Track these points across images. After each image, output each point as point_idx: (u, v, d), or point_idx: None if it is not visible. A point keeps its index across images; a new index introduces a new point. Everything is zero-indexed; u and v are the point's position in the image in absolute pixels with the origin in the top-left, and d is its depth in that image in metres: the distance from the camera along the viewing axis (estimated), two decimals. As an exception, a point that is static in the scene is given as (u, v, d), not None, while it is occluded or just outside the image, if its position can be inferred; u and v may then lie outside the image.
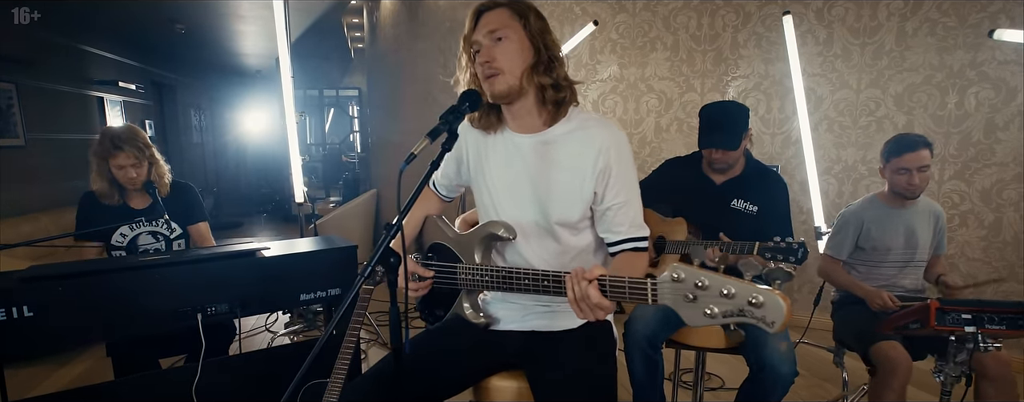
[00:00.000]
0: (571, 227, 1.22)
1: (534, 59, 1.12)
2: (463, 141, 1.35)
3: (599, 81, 3.55)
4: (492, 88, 1.13)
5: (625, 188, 1.18)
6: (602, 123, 1.18)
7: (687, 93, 3.43)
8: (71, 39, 4.53)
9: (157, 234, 2.13)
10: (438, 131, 1.04)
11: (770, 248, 1.72)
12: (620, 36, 3.47)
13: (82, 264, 1.56)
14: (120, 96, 5.31)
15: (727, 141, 1.87)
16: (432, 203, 1.51)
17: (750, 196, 1.98)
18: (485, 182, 1.29)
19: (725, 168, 1.98)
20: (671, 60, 3.42)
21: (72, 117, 4.55)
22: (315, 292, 1.89)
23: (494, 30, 1.10)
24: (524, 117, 1.20)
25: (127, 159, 1.98)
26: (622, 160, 1.17)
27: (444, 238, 1.39)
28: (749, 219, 1.97)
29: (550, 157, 1.19)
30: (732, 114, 1.90)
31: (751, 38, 3.28)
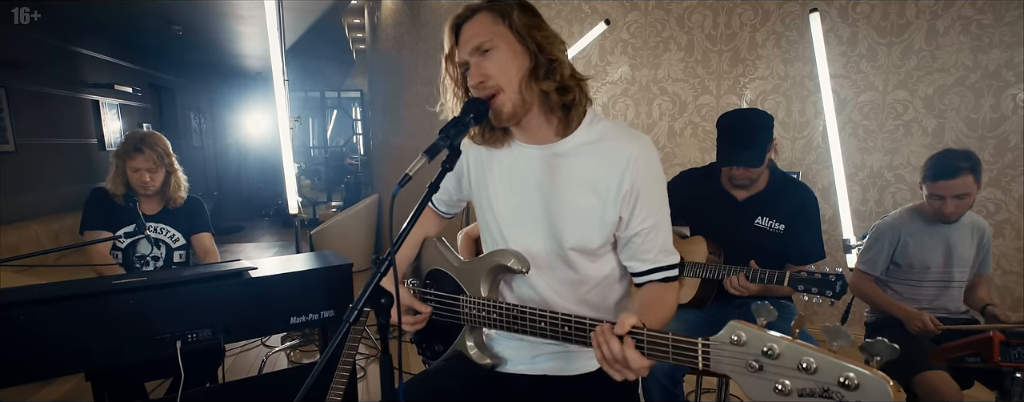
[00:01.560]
0: (589, 254, 1.06)
1: (530, 63, 0.96)
2: (463, 154, 1.20)
3: (610, 83, 3.39)
4: (500, 112, 0.98)
5: (655, 210, 1.02)
6: (627, 133, 1.02)
7: (702, 96, 3.27)
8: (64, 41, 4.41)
9: (159, 241, 2.05)
10: (437, 148, 0.89)
11: (803, 279, 1.56)
12: (632, 36, 3.31)
13: (47, 289, 1.42)
14: (117, 99, 5.19)
15: (750, 157, 1.70)
16: (431, 222, 1.36)
17: (776, 213, 1.81)
18: (489, 201, 1.13)
19: (747, 184, 1.81)
20: (685, 61, 3.26)
21: (66, 121, 4.42)
22: (307, 315, 1.74)
23: (479, 44, 0.95)
24: (534, 130, 1.04)
25: (144, 162, 1.97)
26: (652, 178, 1.01)
27: (445, 264, 1.24)
28: (775, 238, 1.80)
29: (565, 173, 1.03)
30: (755, 125, 1.73)
31: (770, 37, 3.11)
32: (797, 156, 3.15)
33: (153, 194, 2.02)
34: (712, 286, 1.83)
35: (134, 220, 1.89)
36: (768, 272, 1.64)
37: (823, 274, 1.53)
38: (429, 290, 1.26)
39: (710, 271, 1.78)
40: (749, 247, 1.80)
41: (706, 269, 1.79)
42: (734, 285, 1.69)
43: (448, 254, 1.25)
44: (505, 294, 1.17)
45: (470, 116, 0.93)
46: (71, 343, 1.40)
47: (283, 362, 2.87)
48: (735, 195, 1.86)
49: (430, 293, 1.25)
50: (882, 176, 3.04)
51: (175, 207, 2.08)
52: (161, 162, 2.00)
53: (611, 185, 0.99)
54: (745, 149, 1.70)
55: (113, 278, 1.52)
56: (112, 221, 1.95)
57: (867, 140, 3.04)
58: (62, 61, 4.44)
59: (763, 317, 0.70)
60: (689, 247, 1.90)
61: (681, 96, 3.30)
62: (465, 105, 0.95)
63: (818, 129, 3.10)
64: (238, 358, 2.89)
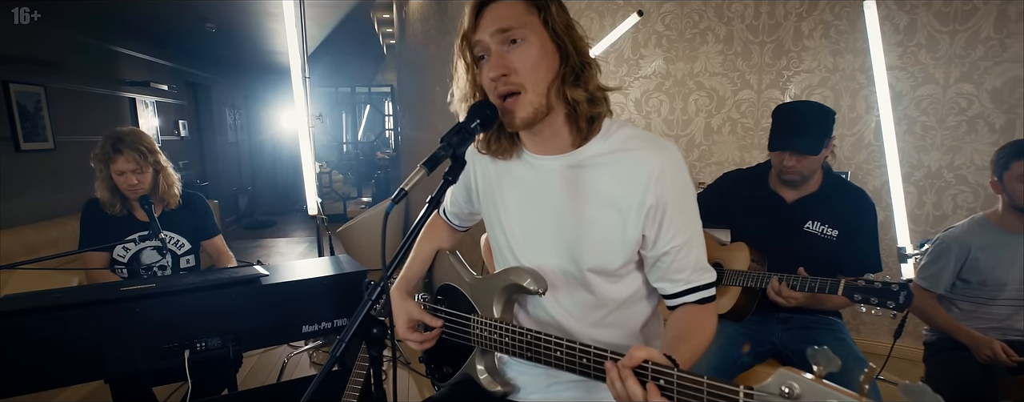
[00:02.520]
0: (609, 275, 0.95)
1: (560, 66, 0.85)
2: (470, 165, 1.09)
3: (643, 77, 3.23)
4: (513, 115, 0.86)
5: (685, 226, 0.90)
6: (650, 141, 0.90)
7: (742, 90, 3.07)
8: (101, 40, 4.50)
9: (164, 249, 1.98)
10: (437, 159, 0.79)
11: (861, 289, 1.40)
12: (667, 27, 3.14)
13: (51, 296, 1.38)
14: (153, 96, 5.29)
15: (806, 144, 1.55)
16: (443, 234, 1.26)
17: (828, 217, 1.65)
18: (499, 218, 1.03)
19: (798, 180, 1.65)
20: (724, 53, 3.07)
21: (103, 119, 4.52)
22: (319, 323, 1.68)
23: (506, 29, 0.82)
24: (548, 139, 0.93)
25: (127, 164, 1.84)
26: (680, 190, 0.89)
27: (458, 280, 1.14)
28: (826, 245, 1.65)
29: (581, 186, 0.91)
30: (815, 115, 1.59)
31: (817, 27, 2.89)
32: (846, 155, 2.93)
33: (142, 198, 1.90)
34: (753, 296, 1.68)
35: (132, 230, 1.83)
36: (819, 280, 1.49)
37: (885, 283, 1.37)
38: (440, 307, 1.17)
39: (752, 279, 1.63)
40: (797, 254, 1.64)
41: (748, 277, 1.64)
42: (779, 294, 1.54)
43: (461, 269, 1.15)
44: (519, 316, 1.06)
45: (476, 122, 0.82)
46: (75, 352, 1.37)
47: (305, 363, 2.84)
48: (784, 196, 1.71)
49: (441, 310, 1.16)
50: (941, 177, 2.79)
51: (174, 208, 1.97)
52: (145, 161, 1.86)
53: (633, 200, 0.87)
54: (801, 135, 1.56)
55: (120, 285, 1.47)
56: (108, 234, 1.86)
57: (925, 138, 2.80)
58: (100, 60, 4.53)
59: (822, 365, 0.58)
60: (729, 254, 1.76)
61: (719, 91, 3.11)
62: (470, 109, 0.84)
63: (870, 126, 2.88)
64: (260, 358, 2.88)
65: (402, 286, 1.16)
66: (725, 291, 1.72)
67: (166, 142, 5.56)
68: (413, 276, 1.20)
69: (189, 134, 6.09)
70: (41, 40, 3.75)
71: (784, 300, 1.52)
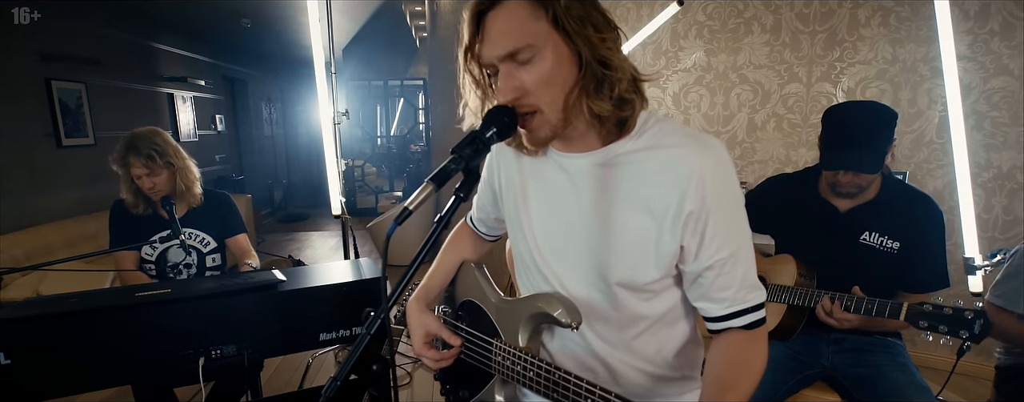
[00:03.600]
0: (639, 290, 0.83)
1: (579, 73, 0.73)
2: (493, 161, 0.99)
3: (682, 70, 3.06)
4: (533, 134, 0.77)
5: (732, 237, 0.78)
6: (690, 137, 0.77)
7: (789, 84, 2.87)
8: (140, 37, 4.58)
9: (190, 247, 1.97)
10: (448, 173, 0.69)
11: (927, 314, 1.24)
12: (708, 17, 2.96)
13: (65, 302, 1.36)
14: (190, 92, 5.39)
15: (866, 161, 1.38)
16: (468, 244, 1.17)
17: (888, 228, 1.48)
18: (520, 222, 0.93)
19: (855, 192, 1.49)
20: (770, 44, 2.87)
21: (142, 114, 4.61)
22: (338, 331, 1.61)
23: (514, 50, 0.71)
24: (575, 139, 0.82)
25: (141, 166, 1.83)
26: (725, 195, 0.76)
27: (482, 298, 1.04)
28: (886, 260, 1.48)
29: (611, 186, 0.80)
30: (875, 121, 1.39)
31: (876, 14, 2.66)
32: (905, 153, 2.70)
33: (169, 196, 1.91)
34: (801, 314, 1.54)
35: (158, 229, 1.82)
36: (877, 302, 1.33)
37: (956, 309, 1.21)
38: (461, 325, 1.08)
39: (799, 296, 1.49)
40: (851, 268, 1.49)
41: (794, 294, 1.50)
42: (830, 315, 1.39)
43: (486, 286, 1.05)
44: (545, 339, 0.96)
45: (493, 131, 0.72)
46: (88, 359, 1.34)
47: (331, 362, 2.82)
48: (836, 205, 1.54)
49: (462, 328, 1.07)
50: (1014, 178, 2.54)
51: (198, 206, 1.97)
52: (155, 163, 1.83)
53: (669, 205, 0.75)
54: (861, 150, 1.38)
55: (135, 290, 1.44)
56: (136, 234, 1.86)
57: (995, 135, 2.55)
58: (139, 56, 4.62)
59: None
60: (774, 267, 1.61)
61: (764, 84, 2.92)
62: (486, 115, 0.74)
63: (933, 121, 2.64)
64: (285, 358, 2.87)
65: (421, 297, 1.07)
66: (769, 308, 1.58)
67: (203, 136, 5.66)
68: (434, 288, 1.11)
69: (226, 128, 6.20)
70: (82, 38, 3.82)
71: (836, 322, 1.38)
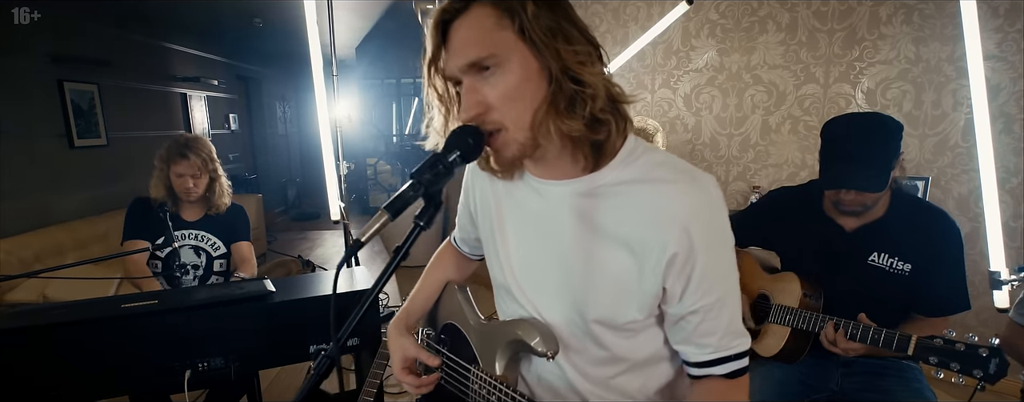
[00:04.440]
0: (619, 329, 0.78)
1: (549, 88, 0.66)
2: (469, 182, 0.94)
3: (693, 71, 2.97)
4: (499, 154, 0.71)
5: (719, 281, 0.72)
6: (681, 173, 0.71)
7: (806, 84, 2.76)
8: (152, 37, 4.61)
9: (199, 250, 2.00)
10: (405, 201, 0.64)
11: (938, 349, 1.15)
12: (721, 16, 2.86)
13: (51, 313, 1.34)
14: (204, 91, 5.42)
15: (867, 179, 1.28)
16: (453, 263, 1.12)
17: (899, 248, 1.38)
18: (496, 249, 0.88)
19: (860, 210, 1.39)
20: (786, 43, 2.77)
21: (156, 115, 4.65)
22: (328, 342, 1.58)
23: (476, 60, 0.65)
24: (552, 164, 0.76)
25: (189, 168, 1.92)
26: (714, 238, 0.70)
27: (463, 322, 1.00)
28: (897, 282, 1.38)
29: (593, 218, 0.74)
30: (877, 134, 1.29)
31: (898, 12, 2.54)
32: (926, 158, 2.58)
33: (196, 201, 1.95)
34: (806, 336, 1.45)
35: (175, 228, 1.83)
36: (884, 332, 1.24)
37: (969, 345, 1.12)
38: (443, 349, 1.04)
39: (803, 320, 1.40)
40: (859, 291, 1.39)
41: (799, 317, 1.41)
42: (833, 344, 1.31)
43: (467, 309, 1.01)
44: (524, 368, 0.91)
45: (456, 154, 0.67)
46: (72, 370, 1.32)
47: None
48: (842, 224, 1.44)
49: (443, 353, 1.02)
50: (1044, 185, 2.41)
51: (217, 213, 2.01)
52: (206, 168, 1.95)
53: (652, 244, 0.69)
54: (860, 166, 1.28)
55: (121, 301, 1.42)
56: (153, 230, 1.90)
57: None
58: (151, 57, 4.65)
59: None
60: (778, 285, 1.53)
61: (779, 85, 2.82)
62: (449, 137, 0.68)
63: (958, 124, 2.52)
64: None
65: (402, 320, 1.03)
66: (772, 330, 1.50)
67: (216, 136, 5.70)
68: (416, 310, 1.07)
69: (239, 127, 6.24)
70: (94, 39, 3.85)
71: (842, 351, 1.29)
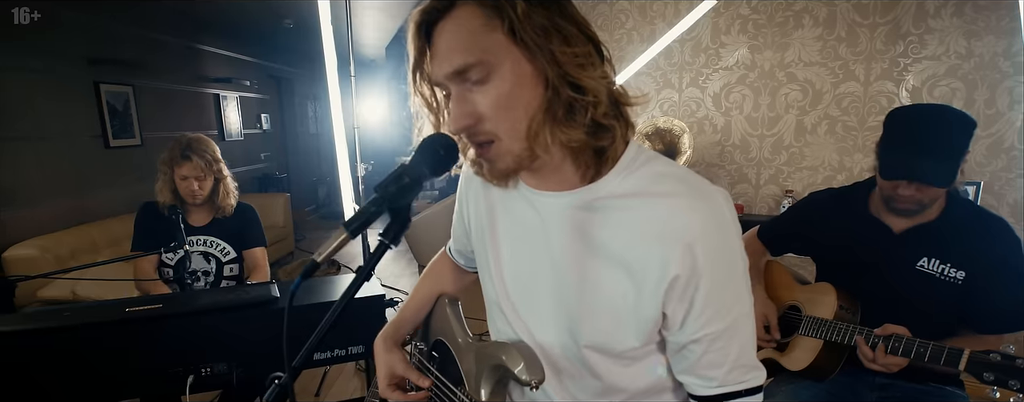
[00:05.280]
0: (617, 357, 0.71)
1: (545, 94, 0.59)
2: (463, 190, 0.88)
3: (723, 69, 2.83)
4: (492, 165, 0.64)
5: (726, 308, 0.64)
6: (687, 185, 0.63)
7: (845, 82, 2.60)
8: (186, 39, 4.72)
9: (209, 255, 1.98)
10: (367, 218, 0.58)
11: (994, 366, 1.04)
12: (753, 11, 2.72)
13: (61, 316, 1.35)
14: (236, 91, 5.53)
15: (938, 172, 1.17)
16: (448, 274, 1.06)
17: (952, 254, 1.25)
18: (489, 263, 0.81)
19: (915, 210, 1.27)
20: (823, 39, 2.61)
21: (189, 115, 4.77)
22: (332, 350, 1.56)
23: (463, 68, 0.58)
24: (549, 175, 0.69)
25: (192, 170, 1.89)
26: (722, 260, 0.62)
27: (451, 339, 0.94)
28: (949, 291, 1.25)
29: (589, 234, 0.67)
30: (951, 127, 1.18)
31: (948, 4, 2.36)
32: (979, 161, 2.40)
33: (202, 203, 1.93)
34: (839, 353, 1.34)
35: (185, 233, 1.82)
36: (931, 346, 1.13)
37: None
38: (432, 366, 0.98)
39: (837, 332, 1.29)
40: (904, 300, 1.28)
41: (832, 329, 1.31)
42: (871, 359, 1.20)
43: (456, 325, 0.95)
44: (514, 395, 0.85)
45: (425, 170, 0.61)
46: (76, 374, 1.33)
47: (350, 369, 2.79)
48: (890, 224, 1.32)
49: (432, 371, 0.97)
50: (1113, 191, 2.21)
51: (226, 217, 1.99)
52: (210, 169, 1.90)
53: (651, 265, 0.62)
54: (931, 158, 1.16)
55: (126, 305, 1.42)
56: (161, 237, 1.89)
57: (1092, 141, 2.22)
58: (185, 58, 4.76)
59: None
60: (810, 296, 1.42)
61: (815, 83, 2.66)
62: (418, 147, 0.62)
63: (1014, 125, 2.33)
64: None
65: (390, 335, 0.97)
66: (802, 343, 1.39)
67: (248, 135, 5.82)
68: (405, 322, 1.01)
69: (271, 127, 6.35)
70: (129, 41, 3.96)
71: (881, 367, 1.18)
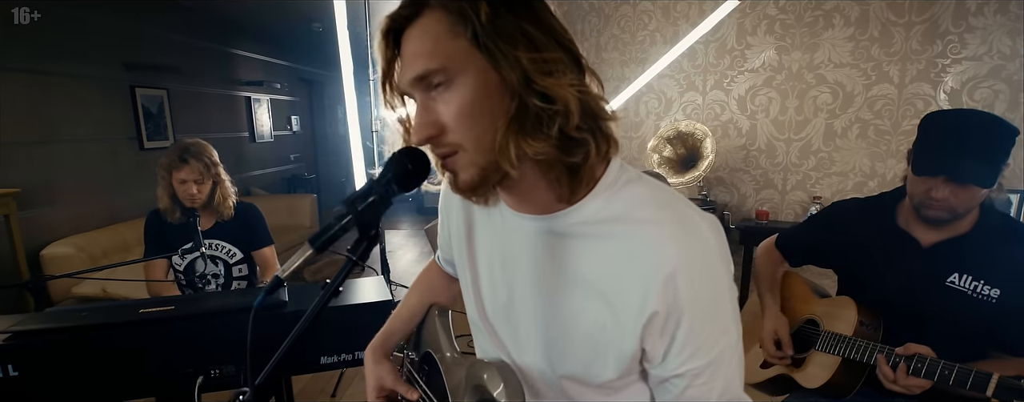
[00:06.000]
0: (596, 387, 0.67)
1: (512, 104, 0.56)
2: (445, 202, 0.86)
3: (749, 71, 2.75)
4: (456, 177, 0.61)
5: (710, 343, 0.59)
6: (670, 212, 0.60)
7: (877, 84, 2.49)
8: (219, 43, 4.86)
9: (216, 259, 2.02)
10: (332, 235, 0.57)
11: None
12: (780, 11, 2.63)
13: (75, 317, 1.39)
14: (267, 94, 5.67)
15: (978, 171, 1.10)
16: (439, 283, 1.04)
17: (985, 270, 1.16)
18: (467, 273, 0.79)
19: (945, 219, 1.19)
20: (855, 39, 2.50)
21: (221, 117, 4.90)
22: (339, 355, 1.56)
23: (423, 74, 0.56)
24: (525, 194, 0.66)
25: (190, 173, 1.90)
26: (705, 296, 0.58)
27: (438, 352, 0.92)
28: (979, 309, 1.17)
29: (564, 262, 0.64)
30: (993, 131, 1.12)
31: (990, 1, 2.23)
32: (1018, 173, 2.25)
33: (203, 207, 1.95)
34: (858, 371, 1.27)
35: (190, 238, 1.86)
36: (957, 368, 1.06)
37: None
38: (421, 379, 0.97)
39: (857, 350, 1.23)
40: (932, 318, 1.20)
41: (851, 346, 1.24)
42: (892, 380, 1.13)
43: (443, 337, 0.93)
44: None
45: (394, 185, 0.59)
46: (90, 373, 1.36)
47: (367, 370, 2.82)
48: (918, 237, 1.24)
49: (420, 384, 0.95)
50: None
51: (226, 220, 2.00)
52: (208, 172, 1.91)
53: (630, 299, 0.58)
54: (970, 157, 1.10)
55: (140, 306, 1.45)
56: (169, 243, 1.92)
57: None
58: (217, 62, 4.91)
59: None
60: (829, 310, 1.36)
61: (846, 85, 2.55)
62: (388, 161, 0.60)
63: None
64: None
65: (379, 345, 0.96)
66: (819, 359, 1.33)
67: (279, 137, 5.95)
68: (394, 333, 1.00)
69: (301, 129, 6.49)
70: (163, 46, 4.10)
71: (903, 389, 1.11)
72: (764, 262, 1.53)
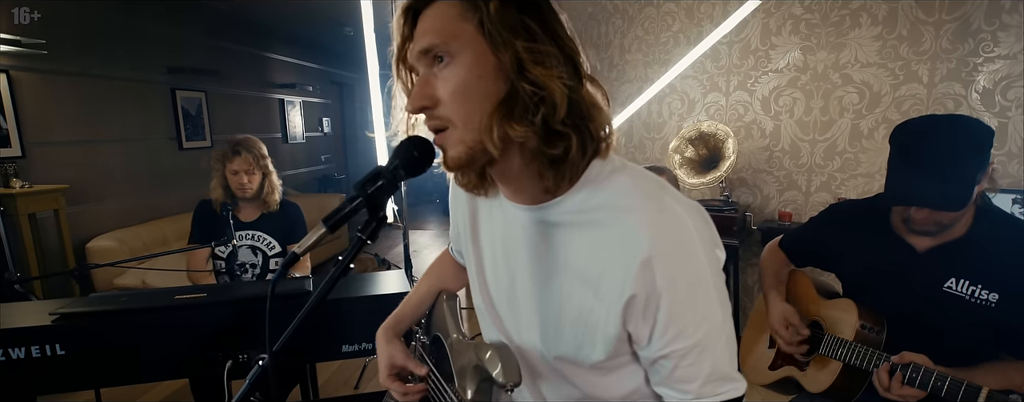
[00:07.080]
0: (589, 368, 0.71)
1: (504, 89, 0.60)
2: (453, 192, 0.90)
3: (773, 72, 2.72)
4: (445, 157, 0.65)
5: (694, 325, 0.62)
6: (649, 201, 0.63)
7: (906, 84, 2.44)
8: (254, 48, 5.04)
9: (256, 249, 2.13)
10: (343, 216, 0.62)
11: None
12: (806, 10, 2.60)
13: (116, 301, 1.49)
14: (300, 97, 5.84)
15: (943, 196, 1.07)
16: (450, 271, 1.09)
17: (983, 274, 1.14)
18: (471, 267, 0.84)
19: (935, 230, 1.18)
20: (882, 38, 2.46)
21: (256, 119, 5.08)
22: (361, 343, 1.63)
23: (429, 46, 0.61)
24: (519, 182, 0.70)
25: (242, 164, 2.05)
26: (683, 279, 0.61)
27: (446, 335, 0.97)
28: (978, 314, 1.14)
29: (553, 249, 0.69)
30: (958, 143, 1.07)
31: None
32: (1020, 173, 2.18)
33: (251, 198, 2.08)
34: (860, 375, 1.26)
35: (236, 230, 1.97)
36: (949, 380, 1.05)
37: None
38: (430, 360, 1.02)
39: (857, 356, 1.22)
40: (931, 324, 1.19)
41: (852, 351, 1.24)
42: (887, 388, 1.12)
43: (450, 321, 0.98)
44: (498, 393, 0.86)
45: (399, 170, 0.64)
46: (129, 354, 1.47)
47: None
48: (913, 244, 1.22)
49: (429, 366, 1.00)
50: None
51: (272, 212, 2.13)
52: (258, 164, 2.07)
53: (612, 284, 0.62)
54: (935, 179, 1.06)
55: (175, 293, 1.55)
56: (216, 232, 2.05)
57: None
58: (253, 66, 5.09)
59: None
60: (832, 313, 1.36)
61: (874, 85, 2.51)
62: (396, 148, 0.65)
63: (1103, 131, 2.10)
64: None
65: (391, 326, 1.01)
66: (823, 363, 1.33)
67: (310, 138, 6.12)
68: (404, 317, 1.05)
69: (332, 130, 6.66)
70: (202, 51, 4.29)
71: (897, 398, 1.11)
72: (769, 262, 1.54)
